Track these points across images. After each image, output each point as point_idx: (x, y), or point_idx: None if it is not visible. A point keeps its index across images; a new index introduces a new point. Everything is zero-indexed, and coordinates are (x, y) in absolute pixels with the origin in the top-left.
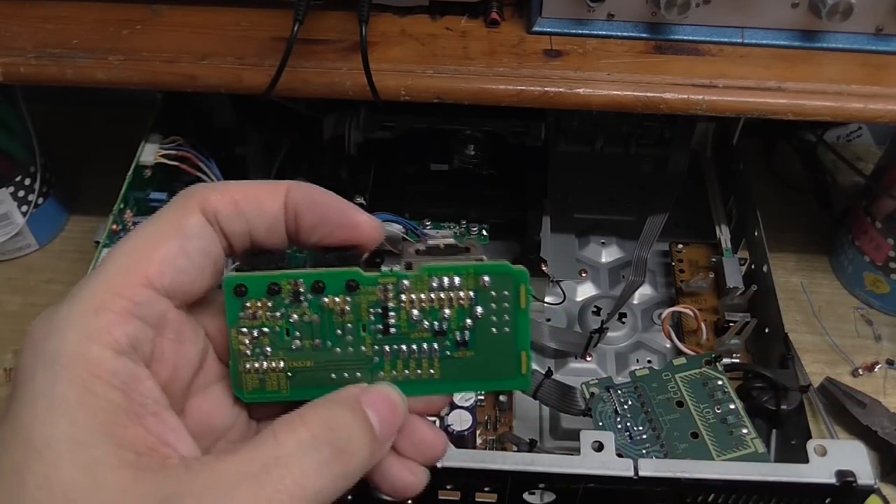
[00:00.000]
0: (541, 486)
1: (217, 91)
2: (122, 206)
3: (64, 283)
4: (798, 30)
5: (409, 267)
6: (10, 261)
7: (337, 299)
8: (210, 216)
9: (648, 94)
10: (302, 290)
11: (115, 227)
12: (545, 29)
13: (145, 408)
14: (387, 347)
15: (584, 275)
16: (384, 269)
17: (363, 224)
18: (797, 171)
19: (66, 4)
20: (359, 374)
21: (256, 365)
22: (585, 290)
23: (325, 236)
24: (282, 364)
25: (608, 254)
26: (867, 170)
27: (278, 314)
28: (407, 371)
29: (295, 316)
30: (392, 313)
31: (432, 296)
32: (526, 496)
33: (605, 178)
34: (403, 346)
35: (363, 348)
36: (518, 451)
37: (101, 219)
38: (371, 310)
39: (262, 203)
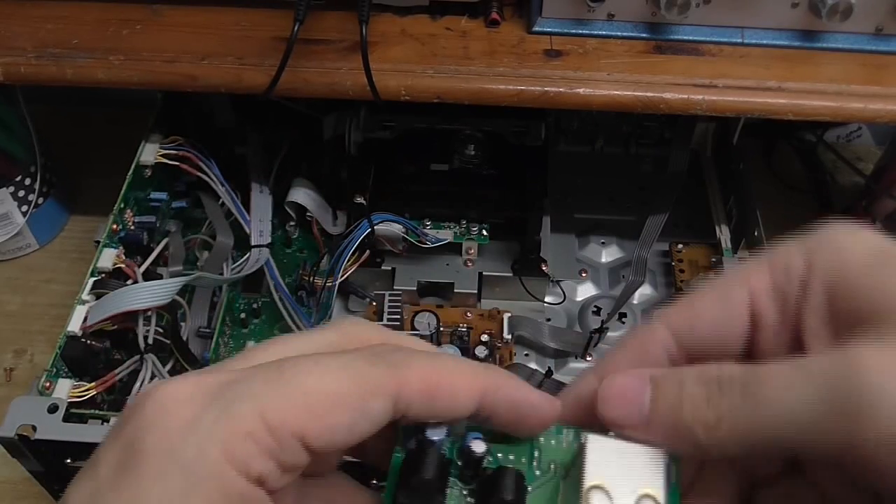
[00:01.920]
0: None
1: (217, 91)
2: (122, 206)
3: (64, 283)
4: (798, 30)
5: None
6: (10, 261)
7: None
8: (401, 406)
9: (648, 94)
10: None
11: (115, 227)
12: (545, 29)
13: None
14: None
15: (584, 275)
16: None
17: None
18: (797, 171)
19: (66, 4)
20: None
21: None
22: (585, 290)
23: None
24: None
25: (608, 254)
26: (867, 170)
27: None
28: None
29: None
30: None
31: None
32: None
33: (605, 178)
34: None
35: None
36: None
37: (101, 219)
38: None
39: (454, 403)
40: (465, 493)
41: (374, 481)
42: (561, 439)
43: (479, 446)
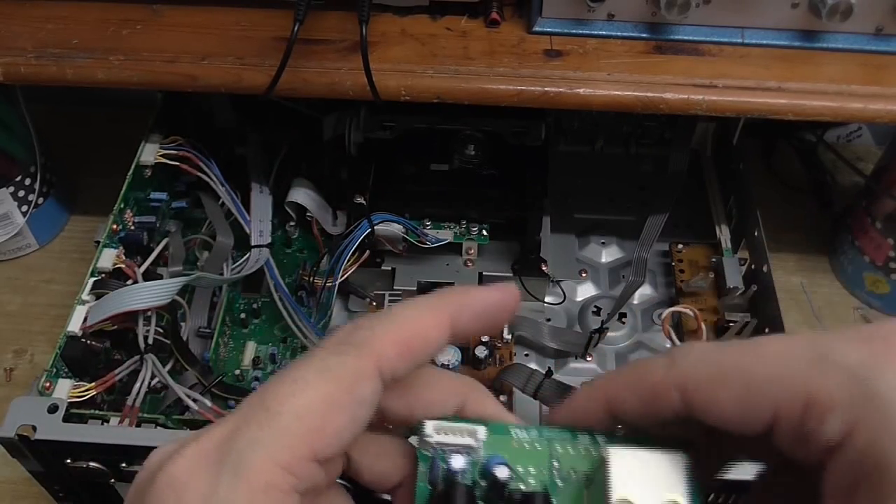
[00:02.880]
0: None
1: (217, 91)
2: (122, 206)
3: (64, 283)
4: (798, 30)
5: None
6: (10, 261)
7: None
8: (386, 376)
9: (648, 94)
10: None
11: (115, 227)
12: (545, 29)
13: None
14: None
15: (584, 275)
16: None
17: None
18: (797, 171)
19: (66, 4)
20: None
21: None
22: (585, 290)
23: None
24: None
25: (608, 254)
26: (867, 170)
27: None
28: None
29: None
30: None
31: None
32: None
33: (605, 178)
34: None
35: None
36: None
37: (101, 219)
38: None
39: (430, 345)
40: None
41: None
42: (577, 445)
43: (502, 472)
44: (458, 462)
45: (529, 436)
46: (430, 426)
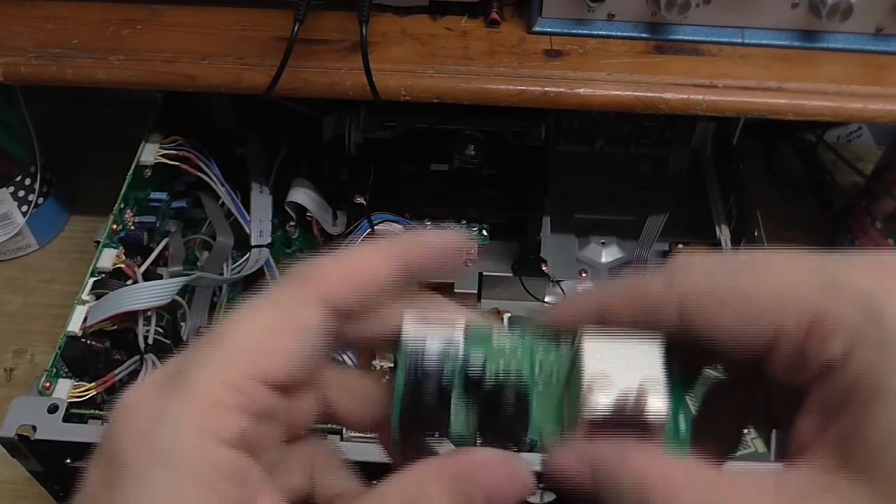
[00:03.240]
0: (540, 486)
1: (217, 91)
2: (122, 206)
3: (64, 283)
4: (798, 30)
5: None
6: (10, 261)
7: None
8: (331, 305)
9: (648, 94)
10: None
11: (115, 227)
12: (545, 29)
13: (255, 492)
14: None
15: (584, 275)
16: None
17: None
18: (797, 171)
19: (66, 4)
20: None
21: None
22: None
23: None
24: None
25: (608, 254)
26: (867, 170)
27: None
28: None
29: None
30: None
31: None
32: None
33: (605, 178)
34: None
35: None
36: None
37: (101, 219)
38: None
39: (378, 279)
40: (469, 408)
41: (375, 482)
42: (560, 349)
43: (477, 360)
44: (433, 346)
45: (511, 338)
46: (409, 318)
